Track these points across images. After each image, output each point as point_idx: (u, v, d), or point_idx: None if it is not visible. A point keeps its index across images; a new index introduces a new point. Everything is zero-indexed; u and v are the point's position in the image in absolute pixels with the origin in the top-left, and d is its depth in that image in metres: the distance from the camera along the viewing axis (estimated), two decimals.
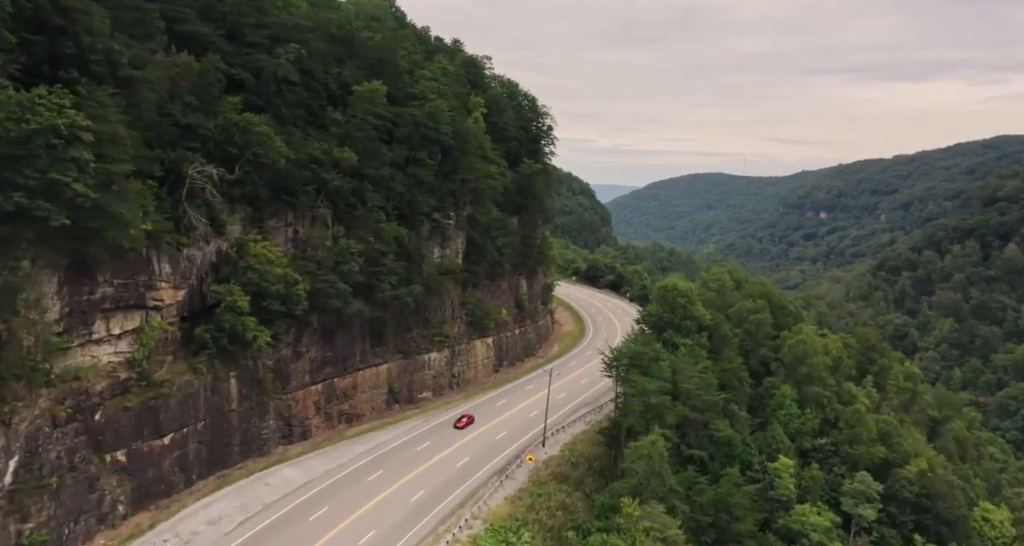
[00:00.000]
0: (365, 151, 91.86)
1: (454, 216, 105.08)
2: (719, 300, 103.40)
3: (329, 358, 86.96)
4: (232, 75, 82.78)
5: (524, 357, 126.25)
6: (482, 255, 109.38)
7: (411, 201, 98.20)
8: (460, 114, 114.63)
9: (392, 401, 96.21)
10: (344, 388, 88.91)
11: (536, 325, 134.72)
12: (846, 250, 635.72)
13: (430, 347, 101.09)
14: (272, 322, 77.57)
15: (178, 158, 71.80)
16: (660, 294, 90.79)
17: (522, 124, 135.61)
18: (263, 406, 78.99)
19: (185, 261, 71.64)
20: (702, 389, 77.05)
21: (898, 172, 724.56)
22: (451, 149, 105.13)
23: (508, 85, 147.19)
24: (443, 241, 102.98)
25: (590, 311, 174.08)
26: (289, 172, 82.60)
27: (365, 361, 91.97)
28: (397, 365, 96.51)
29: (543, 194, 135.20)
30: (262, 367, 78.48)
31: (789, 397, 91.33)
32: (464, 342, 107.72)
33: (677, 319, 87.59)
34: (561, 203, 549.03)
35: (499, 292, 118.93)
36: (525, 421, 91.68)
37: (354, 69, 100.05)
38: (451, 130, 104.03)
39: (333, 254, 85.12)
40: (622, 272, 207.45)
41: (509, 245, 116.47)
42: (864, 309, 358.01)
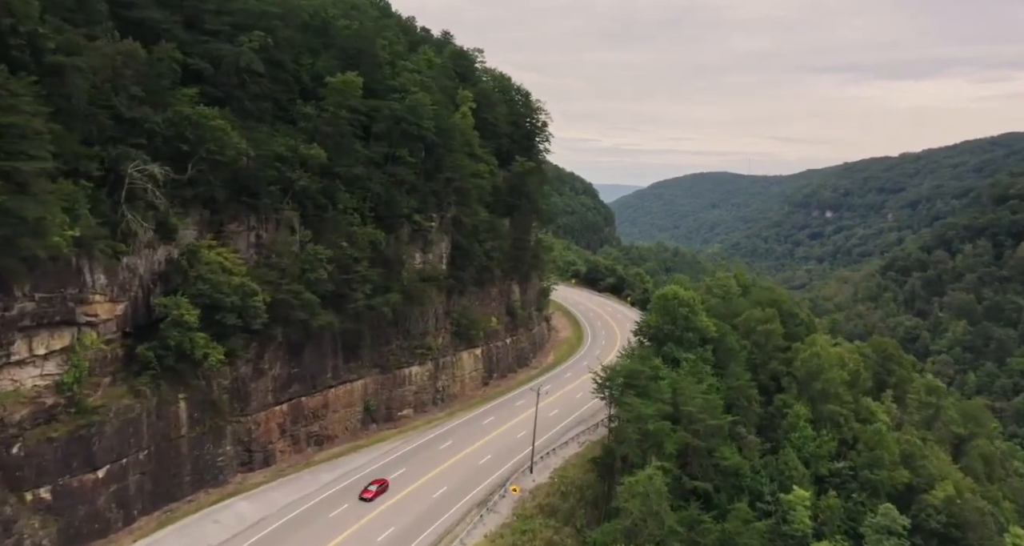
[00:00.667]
0: (337, 148, 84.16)
1: (437, 218, 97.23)
2: (724, 308, 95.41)
3: (296, 375, 79.14)
4: (188, 65, 75.28)
5: (516, 368, 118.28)
6: (469, 260, 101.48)
7: (389, 202, 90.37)
8: (446, 109, 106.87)
9: (369, 420, 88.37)
10: (313, 408, 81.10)
11: (530, 333, 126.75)
12: (853, 249, 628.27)
13: (411, 360, 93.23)
14: (227, 337, 69.82)
15: (119, 156, 64.17)
16: (659, 303, 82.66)
17: (514, 120, 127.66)
18: (218, 431, 71.19)
19: (125, 271, 63.90)
20: (706, 412, 69.02)
21: (905, 170, 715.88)
22: (434, 146, 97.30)
23: (500, 79, 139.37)
24: (425, 245, 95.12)
25: (589, 316, 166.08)
26: (250, 171, 74.96)
27: (338, 377, 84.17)
28: (374, 381, 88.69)
29: (537, 194, 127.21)
30: (217, 387, 70.68)
31: (803, 417, 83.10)
32: (449, 354, 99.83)
33: (678, 331, 79.49)
34: (563, 203, 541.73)
35: (488, 299, 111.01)
36: (512, 443, 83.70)
37: (329, 60, 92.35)
38: (434, 125, 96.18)
39: (299, 261, 77.33)
40: (623, 274, 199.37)
41: (499, 249, 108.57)
42: (873, 310, 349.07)
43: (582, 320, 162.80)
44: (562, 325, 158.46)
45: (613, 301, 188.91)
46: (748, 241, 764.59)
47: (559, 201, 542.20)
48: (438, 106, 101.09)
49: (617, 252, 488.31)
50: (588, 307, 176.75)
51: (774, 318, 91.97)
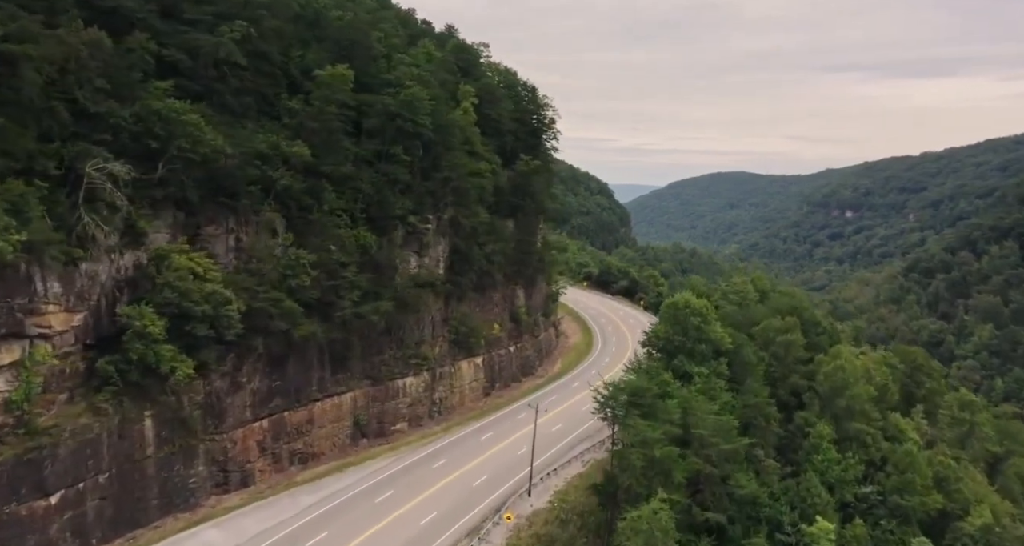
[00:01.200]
0: (324, 145, 78.82)
1: (434, 220, 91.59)
2: (741, 316, 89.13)
3: (278, 388, 73.74)
4: (163, 57, 70.25)
5: (521, 377, 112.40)
6: (468, 264, 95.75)
7: (382, 203, 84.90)
8: (446, 104, 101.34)
9: (358, 435, 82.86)
10: (297, 423, 75.67)
11: (535, 340, 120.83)
12: (874, 250, 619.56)
13: (405, 371, 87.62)
14: (199, 349, 64.49)
15: (80, 153, 59.14)
16: (669, 312, 76.38)
17: (519, 116, 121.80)
18: (190, 450, 65.86)
19: (83, 278, 58.72)
20: (720, 435, 62.80)
21: (927, 169, 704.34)
22: (431, 143, 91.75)
23: (506, 74, 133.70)
24: (420, 248, 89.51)
25: (600, 321, 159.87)
26: (228, 170, 69.79)
27: (324, 390, 78.72)
28: (364, 393, 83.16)
29: (543, 194, 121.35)
30: (188, 403, 65.33)
31: (827, 438, 76.52)
32: (447, 364, 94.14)
33: (690, 343, 73.23)
34: (578, 203, 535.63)
35: (490, 305, 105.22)
36: (511, 461, 77.78)
37: (320, 53, 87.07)
38: (431, 121, 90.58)
39: (281, 266, 71.95)
40: (636, 277, 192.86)
41: (501, 252, 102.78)
42: (896, 314, 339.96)
43: (592, 325, 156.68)
44: (571, 330, 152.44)
45: (625, 305, 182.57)
46: (766, 241, 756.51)
47: (574, 201, 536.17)
48: (436, 101, 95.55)
49: (632, 253, 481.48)
50: (599, 311, 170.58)
51: (794, 328, 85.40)
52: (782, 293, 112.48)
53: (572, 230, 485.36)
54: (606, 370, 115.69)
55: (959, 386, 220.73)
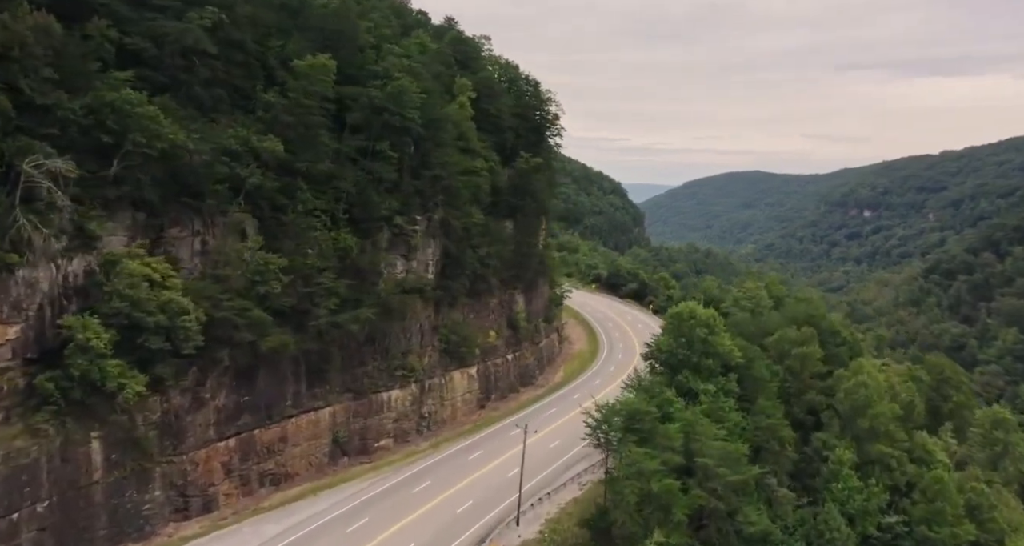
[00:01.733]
0: (300, 140, 73.09)
1: (423, 221, 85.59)
2: (753, 326, 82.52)
3: (247, 404, 67.97)
4: (126, 45, 64.80)
5: (519, 388, 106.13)
6: (460, 268, 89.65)
7: (365, 203, 79.04)
8: (439, 98, 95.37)
9: (338, 453, 76.99)
10: (268, 441, 69.87)
11: (536, 347, 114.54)
12: (892, 250, 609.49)
13: (390, 383, 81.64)
14: (153, 363, 58.91)
15: (21, 148, 53.65)
16: (673, 323, 69.80)
17: (520, 112, 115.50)
18: (144, 474, 60.21)
19: (21, 286, 53.19)
20: (727, 464, 56.31)
21: (946, 168, 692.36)
22: (421, 139, 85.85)
23: (507, 68, 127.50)
24: (408, 252, 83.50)
25: (606, 326, 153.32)
26: (192, 167, 64.23)
27: (299, 405, 72.89)
28: (345, 408, 77.27)
29: (544, 193, 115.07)
30: (143, 422, 59.70)
31: (847, 463, 69.56)
32: (437, 375, 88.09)
33: (695, 357, 66.64)
34: (591, 203, 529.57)
35: (485, 311, 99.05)
36: (501, 483, 71.50)
37: (302, 42, 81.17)
38: (420, 116, 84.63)
39: (249, 272, 66.13)
40: (646, 279, 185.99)
41: (497, 254, 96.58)
42: (916, 316, 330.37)
43: (599, 330, 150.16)
44: (576, 336, 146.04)
45: (634, 308, 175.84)
46: (783, 241, 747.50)
47: (587, 201, 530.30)
48: (428, 95, 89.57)
49: (646, 253, 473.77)
50: (607, 315, 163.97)
51: (812, 339, 78.47)
52: (798, 299, 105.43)
53: (585, 230, 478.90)
54: (610, 379, 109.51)
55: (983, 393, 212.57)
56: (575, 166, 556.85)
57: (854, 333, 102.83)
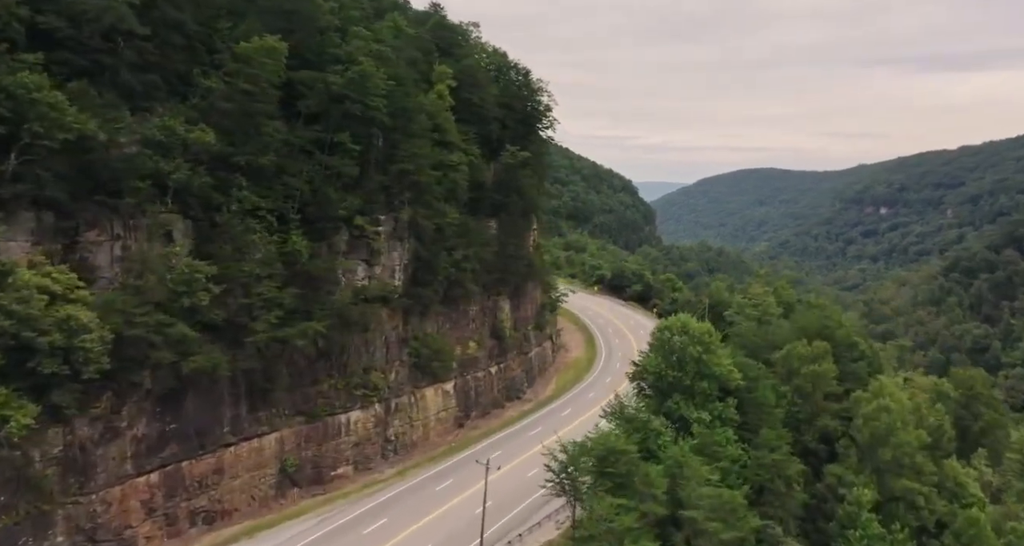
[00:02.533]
0: (240, 130, 64.51)
1: (388, 221, 76.70)
2: (759, 337, 73.18)
3: (173, 432, 59.23)
4: (38, 24, 56.49)
5: (504, 403, 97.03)
6: (433, 272, 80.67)
7: (321, 201, 70.26)
8: (414, 86, 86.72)
9: (287, 484, 68.18)
10: (200, 474, 61.14)
11: (524, 358, 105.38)
12: (910, 247, 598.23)
13: (349, 404, 72.79)
14: (50, 390, 50.37)
15: None
16: (661, 340, 60.22)
17: (507, 102, 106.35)
18: (43, 518, 51.51)
19: None
20: (720, 516, 46.92)
21: (964, 164, 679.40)
22: (388, 130, 77.12)
23: (495, 56, 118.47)
24: (371, 256, 74.61)
25: (607, 332, 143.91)
26: (107, 161, 55.83)
27: (239, 431, 64.15)
28: (295, 433, 68.48)
29: (533, 190, 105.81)
30: (40, 458, 51.12)
31: (867, 505, 59.66)
32: (405, 392, 79.18)
33: (688, 379, 57.17)
34: (600, 201, 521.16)
35: (464, 320, 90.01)
36: (471, 521, 62.13)
37: (256, 24, 72.39)
38: (387, 104, 75.86)
39: (172, 281, 57.42)
40: (650, 281, 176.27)
41: (476, 257, 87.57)
42: (936, 317, 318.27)
43: (598, 336, 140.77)
44: (574, 342, 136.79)
45: (638, 312, 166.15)
46: (797, 239, 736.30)
47: (596, 199, 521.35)
48: (399, 81, 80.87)
49: (656, 252, 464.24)
50: (608, 320, 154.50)
51: (825, 355, 68.76)
52: (811, 305, 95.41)
53: (594, 229, 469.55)
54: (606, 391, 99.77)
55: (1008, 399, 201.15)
56: (584, 163, 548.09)
57: (873, 345, 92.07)
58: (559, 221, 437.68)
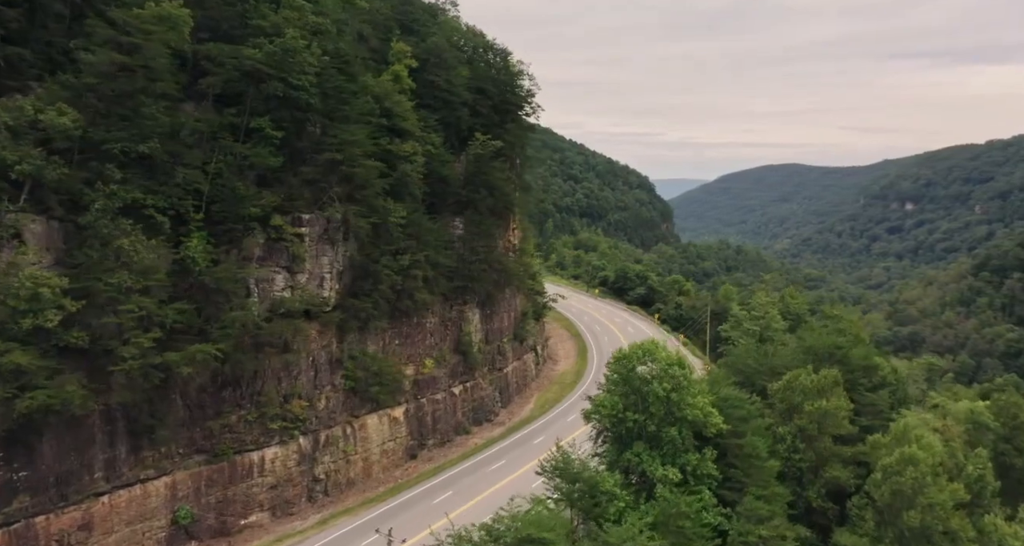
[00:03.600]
0: (115, 113, 53.19)
1: (318, 221, 64.93)
2: (756, 362, 60.48)
3: (23, 481, 47.86)
4: None
5: (471, 427, 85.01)
6: (374, 280, 68.79)
7: (229, 197, 58.74)
8: (359, 64, 75.31)
9: (182, 538, 56.71)
10: (60, 531, 49.71)
11: (498, 374, 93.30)
12: (936, 245, 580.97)
13: (264, 439, 61.14)
14: None
15: None
16: (619, 372, 47.32)
17: (480, 86, 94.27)
18: None
19: None
20: None
21: (993, 158, 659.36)
22: (317, 114, 65.57)
23: (469, 36, 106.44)
24: (292, 262, 62.86)
25: (602, 340, 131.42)
26: None
27: (116, 477, 52.74)
28: (192, 476, 56.98)
29: (508, 185, 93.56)
30: None
31: None
32: (339, 422, 67.41)
33: (653, 424, 44.47)
34: (615, 198, 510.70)
35: (418, 335, 78.06)
36: None
37: None
38: (313, 82, 64.30)
39: (12, 298, 46.12)
40: (655, 284, 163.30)
41: (432, 262, 75.58)
42: (965, 319, 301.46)
43: (591, 345, 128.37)
44: (564, 352, 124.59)
45: (639, 318, 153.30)
46: (820, 236, 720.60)
47: (610, 196, 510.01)
48: (336, 58, 69.47)
49: (672, 251, 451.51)
50: (605, 327, 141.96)
51: (835, 388, 55.58)
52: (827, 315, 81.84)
53: (608, 226, 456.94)
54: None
55: None
56: (599, 160, 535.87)
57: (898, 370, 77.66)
58: (571, 219, 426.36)
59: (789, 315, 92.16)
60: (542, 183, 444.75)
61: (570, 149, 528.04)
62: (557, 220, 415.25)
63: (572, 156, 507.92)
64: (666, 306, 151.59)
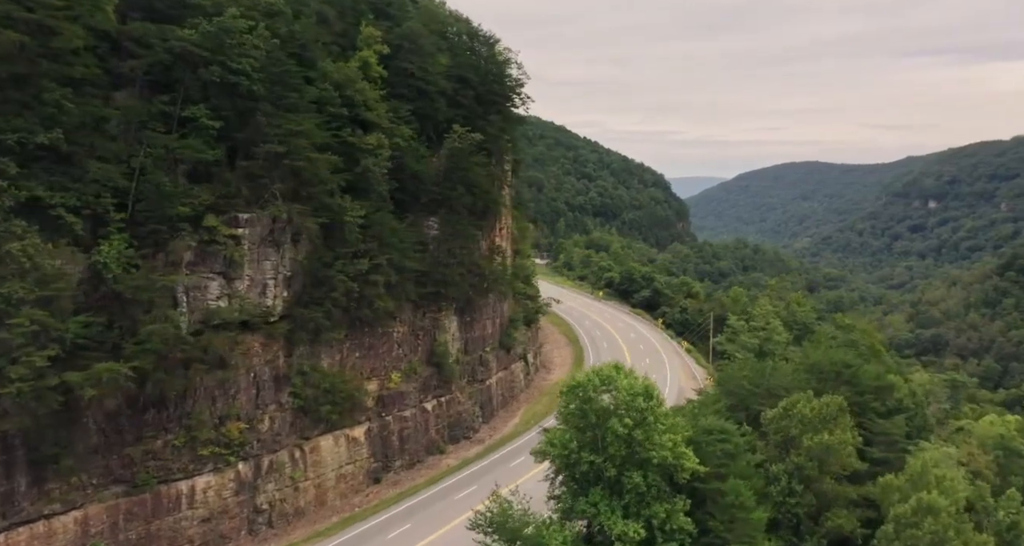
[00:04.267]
0: (13, 100, 46.72)
1: (260, 221, 58.13)
2: (751, 380, 52.56)
3: None
4: None
5: (446, 446, 77.92)
6: (328, 287, 61.87)
7: (154, 196, 52.07)
8: (318, 49, 68.72)
9: None
10: None
11: (480, 387, 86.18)
12: (960, 243, 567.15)
13: (195, 466, 54.43)
14: None
15: None
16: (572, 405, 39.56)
17: (460, 74, 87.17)
18: None
19: None
20: None
21: (1019, 154, 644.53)
22: (260, 102, 58.79)
23: (452, 21, 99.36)
24: (229, 268, 56.09)
25: (601, 346, 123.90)
26: None
27: (15, 512, 46.16)
28: (108, 509, 50.35)
29: (489, 182, 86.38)
30: None
31: None
32: (286, 445, 60.59)
33: (612, 468, 36.69)
34: (630, 197, 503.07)
35: (382, 347, 71.00)
36: None
37: None
38: (257, 67, 57.60)
39: None
40: (660, 287, 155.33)
41: (396, 265, 68.51)
42: (990, 321, 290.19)
43: (589, 353, 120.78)
44: (560, 360, 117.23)
45: (642, 322, 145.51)
46: (841, 235, 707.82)
47: (625, 194, 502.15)
48: (283, 41, 62.76)
49: (687, 250, 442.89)
50: (607, 332, 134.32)
51: (840, 418, 47.48)
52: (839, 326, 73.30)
53: (622, 226, 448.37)
54: None
55: None
56: (614, 158, 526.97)
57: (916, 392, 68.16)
58: (584, 218, 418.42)
59: (795, 325, 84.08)
60: (555, 182, 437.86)
61: (584, 147, 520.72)
62: (569, 219, 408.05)
63: (586, 154, 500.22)
64: (671, 309, 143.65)
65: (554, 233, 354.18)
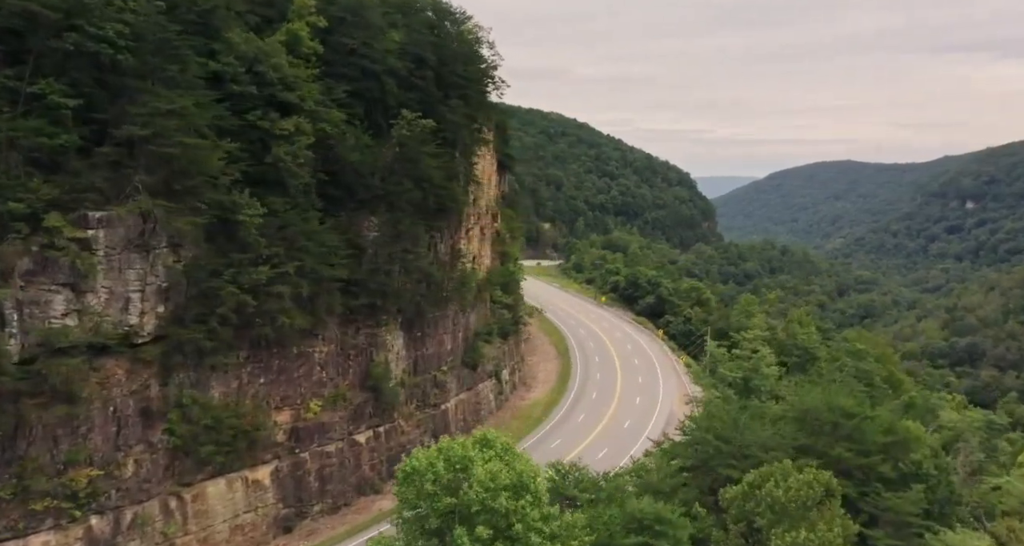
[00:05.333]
0: None
1: (122, 220, 47.38)
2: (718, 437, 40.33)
3: None
4: None
5: (382, 484, 66.31)
6: (214, 301, 50.98)
7: None
8: (226, 18, 58.15)
9: None
10: None
11: (433, 413, 74.83)
12: (999, 246, 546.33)
13: (29, 524, 43.75)
14: None
15: None
16: (410, 499, 27.95)
17: (418, 52, 76.09)
18: None
19: None
20: None
21: None
22: (129, 76, 48.22)
23: None
24: (77, 278, 45.43)
25: (592, 360, 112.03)
26: None
27: None
28: None
29: (447, 176, 75.06)
30: None
31: None
32: (156, 494, 49.81)
33: None
34: (653, 196, 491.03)
35: (299, 370, 59.91)
36: None
37: None
38: (127, 33, 47.07)
39: None
40: (665, 293, 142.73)
41: (314, 274, 57.55)
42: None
43: (577, 367, 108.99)
44: (545, 375, 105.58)
45: (642, 332, 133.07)
46: (875, 236, 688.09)
47: (648, 193, 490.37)
48: (172, 5, 52.27)
49: (712, 251, 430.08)
50: (601, 343, 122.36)
51: (829, 506, 34.19)
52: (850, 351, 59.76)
53: (645, 225, 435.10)
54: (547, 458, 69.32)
55: None
56: (637, 155, 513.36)
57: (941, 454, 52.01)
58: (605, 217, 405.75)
59: (796, 349, 71.50)
60: (575, 180, 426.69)
61: (607, 145, 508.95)
62: (589, 219, 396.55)
63: (609, 152, 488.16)
64: (676, 318, 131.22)
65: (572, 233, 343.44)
